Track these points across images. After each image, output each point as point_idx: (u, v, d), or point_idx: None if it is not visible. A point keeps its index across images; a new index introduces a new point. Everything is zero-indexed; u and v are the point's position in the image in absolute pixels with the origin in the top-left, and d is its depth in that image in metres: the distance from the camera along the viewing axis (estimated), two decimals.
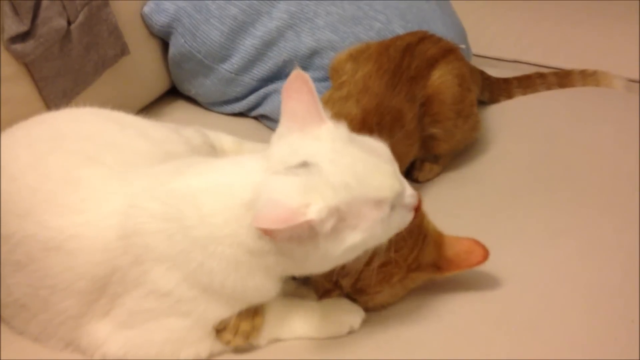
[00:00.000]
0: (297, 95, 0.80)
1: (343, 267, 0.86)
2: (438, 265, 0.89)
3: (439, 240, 0.90)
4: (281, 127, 0.81)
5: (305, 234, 0.73)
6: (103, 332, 0.83)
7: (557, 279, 0.96)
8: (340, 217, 0.74)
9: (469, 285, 0.94)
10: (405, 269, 0.88)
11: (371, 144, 0.81)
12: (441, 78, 1.15)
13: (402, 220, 0.80)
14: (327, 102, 1.09)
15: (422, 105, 1.14)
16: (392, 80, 1.11)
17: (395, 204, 0.77)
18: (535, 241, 1.03)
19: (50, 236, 0.81)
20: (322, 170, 0.75)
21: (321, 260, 0.78)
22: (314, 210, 0.71)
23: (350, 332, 0.89)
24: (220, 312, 0.83)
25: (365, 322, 0.90)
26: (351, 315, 0.89)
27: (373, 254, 0.84)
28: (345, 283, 0.88)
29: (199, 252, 0.78)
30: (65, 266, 0.81)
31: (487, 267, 0.94)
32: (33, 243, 0.82)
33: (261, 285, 0.82)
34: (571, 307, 0.91)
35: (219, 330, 0.85)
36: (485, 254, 0.87)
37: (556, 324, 0.88)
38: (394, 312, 0.91)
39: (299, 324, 0.89)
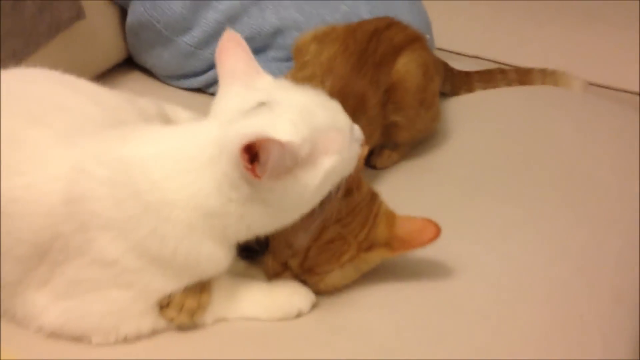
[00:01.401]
0: (234, 53, 0.82)
1: (290, 246, 0.85)
2: (390, 244, 0.88)
3: (390, 219, 0.89)
4: (222, 88, 0.82)
5: (286, 163, 0.73)
6: (40, 303, 0.79)
7: (510, 271, 0.96)
8: (313, 143, 0.75)
9: (423, 273, 0.94)
10: (356, 247, 0.87)
11: (310, 88, 0.83)
12: (406, 66, 1.14)
13: (356, 153, 0.83)
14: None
15: (385, 92, 1.12)
16: (358, 64, 1.10)
17: (350, 136, 0.81)
18: (490, 233, 1.03)
19: None
20: (282, 104, 0.76)
21: (299, 196, 0.77)
22: (291, 134, 0.72)
23: (299, 315, 0.87)
24: (166, 284, 0.80)
25: (315, 307, 0.88)
26: (300, 297, 0.88)
27: (321, 229, 0.83)
28: (294, 263, 0.87)
29: (152, 218, 0.76)
30: (4, 230, 0.77)
31: (441, 256, 0.94)
32: None
33: (213, 253, 0.79)
34: (523, 300, 0.92)
35: (163, 306, 0.82)
36: (437, 231, 0.87)
37: (506, 315, 0.89)
38: (346, 297, 0.90)
39: (247, 304, 0.86)
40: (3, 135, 0.80)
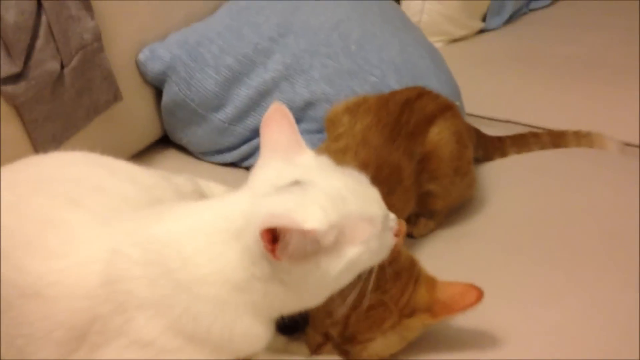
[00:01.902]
0: (278, 125, 0.82)
1: (330, 316, 0.83)
2: (432, 310, 0.86)
3: (431, 284, 0.88)
4: (262, 159, 0.82)
5: (308, 249, 0.72)
6: None
7: (555, 339, 0.94)
8: (340, 231, 0.73)
9: (467, 344, 0.92)
10: (398, 314, 0.85)
11: (352, 171, 0.82)
12: (439, 135, 1.14)
13: (389, 242, 0.81)
14: (324, 154, 1.08)
15: (419, 161, 1.12)
16: (392, 135, 1.10)
17: (382, 225, 0.78)
18: (533, 299, 1.01)
19: (28, 282, 0.77)
20: (316, 187, 0.75)
21: (319, 282, 0.76)
22: (317, 221, 0.71)
23: None
24: None
25: None
26: None
27: (360, 296, 0.82)
28: (335, 332, 0.85)
29: (184, 296, 0.75)
30: (42, 314, 0.77)
31: (484, 325, 0.93)
32: (10, 289, 0.78)
33: (249, 329, 0.78)
34: None
35: None
36: (479, 295, 0.85)
37: None
38: None
39: None
40: (40, 217, 0.81)
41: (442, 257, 1.14)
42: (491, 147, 1.41)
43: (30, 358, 0.78)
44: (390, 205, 1.03)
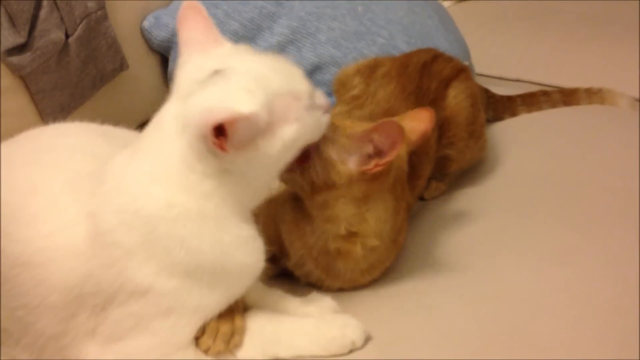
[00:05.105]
0: (193, 22, 0.82)
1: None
2: None
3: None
4: (181, 58, 0.82)
5: (248, 135, 0.73)
6: (92, 353, 0.79)
7: (568, 299, 0.93)
8: (271, 110, 0.74)
9: (480, 305, 0.92)
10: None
11: (272, 54, 0.83)
12: (456, 99, 1.14)
13: (321, 119, 0.82)
14: (347, 120, 1.07)
15: (439, 127, 1.11)
16: (417, 103, 1.09)
17: (310, 101, 0.79)
18: (545, 259, 1.00)
19: (18, 250, 0.78)
20: (238, 71, 0.76)
21: (263, 164, 0.77)
22: (247, 104, 0.72)
23: (353, 349, 0.85)
24: (203, 297, 0.79)
25: (369, 341, 0.87)
26: (353, 329, 0.85)
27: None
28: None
29: (161, 226, 0.75)
30: (35, 281, 0.77)
31: (497, 286, 0.93)
32: (4, 260, 0.78)
33: (238, 233, 0.79)
34: (585, 329, 0.88)
35: (198, 336, 0.81)
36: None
37: (567, 344, 0.86)
38: (397, 331, 0.89)
39: (298, 340, 0.84)
40: (24, 186, 0.82)
41: (453, 217, 1.14)
42: (501, 107, 1.40)
43: (32, 328, 0.79)
44: (418, 177, 1.03)
